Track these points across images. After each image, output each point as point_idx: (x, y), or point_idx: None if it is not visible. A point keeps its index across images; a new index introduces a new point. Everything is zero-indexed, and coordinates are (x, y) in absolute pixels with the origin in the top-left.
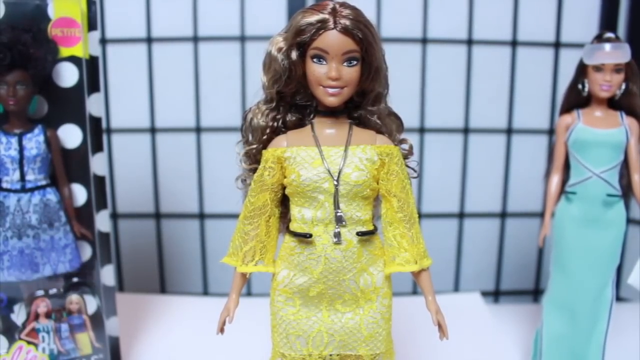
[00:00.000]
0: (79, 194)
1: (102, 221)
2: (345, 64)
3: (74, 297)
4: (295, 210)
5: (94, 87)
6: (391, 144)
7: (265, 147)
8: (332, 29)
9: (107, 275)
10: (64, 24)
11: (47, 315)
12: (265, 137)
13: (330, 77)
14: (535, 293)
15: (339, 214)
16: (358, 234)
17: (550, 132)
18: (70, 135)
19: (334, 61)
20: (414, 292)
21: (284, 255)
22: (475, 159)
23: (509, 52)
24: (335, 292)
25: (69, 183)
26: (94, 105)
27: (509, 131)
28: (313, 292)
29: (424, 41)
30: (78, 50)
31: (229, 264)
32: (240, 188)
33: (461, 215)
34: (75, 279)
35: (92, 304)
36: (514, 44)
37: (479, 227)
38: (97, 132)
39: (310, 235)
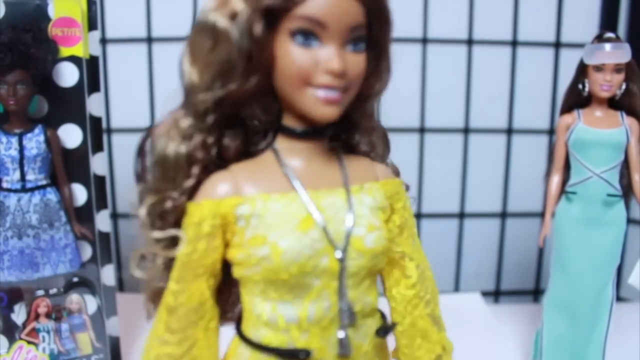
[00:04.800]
0: (79, 193)
1: (102, 221)
2: (349, 48)
3: (74, 297)
4: (262, 307)
5: (94, 87)
6: (392, 176)
7: (190, 197)
8: None
9: (107, 275)
10: (64, 24)
11: (48, 315)
12: (190, 179)
13: (332, 71)
14: (536, 293)
15: (347, 307)
16: (379, 334)
17: (551, 132)
18: (71, 135)
19: (334, 42)
20: None
21: None
22: (475, 159)
23: (509, 52)
24: None
25: (69, 183)
26: (94, 105)
27: (510, 131)
28: None
29: (424, 41)
30: (78, 50)
31: None
32: (138, 273)
33: (461, 216)
34: (75, 279)
35: (92, 303)
36: (515, 44)
37: (480, 227)
38: (97, 132)
39: (307, 354)
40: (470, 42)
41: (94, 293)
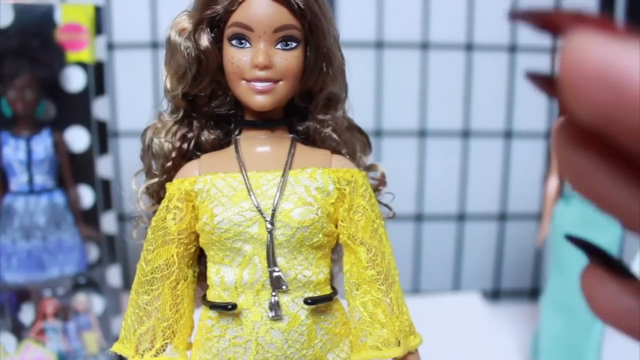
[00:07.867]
0: (86, 196)
1: (108, 223)
2: (279, 46)
3: (80, 297)
4: (212, 271)
5: (100, 91)
6: (353, 167)
7: (170, 180)
8: None
9: (113, 275)
10: (71, 30)
11: (55, 315)
12: (169, 164)
13: (257, 65)
14: (536, 293)
15: (275, 273)
16: (307, 302)
17: (549, 135)
18: (77, 139)
19: (262, 42)
20: (415, 290)
21: (199, 341)
22: (474, 161)
23: (507, 57)
24: None
25: (75, 185)
26: (100, 109)
27: (508, 135)
28: None
29: (424, 46)
30: (85, 55)
31: (120, 352)
32: (136, 239)
33: (461, 217)
34: (82, 280)
35: (98, 304)
36: (513, 48)
37: (479, 229)
38: (103, 136)
39: (233, 307)
40: (469, 47)
41: (100, 293)
